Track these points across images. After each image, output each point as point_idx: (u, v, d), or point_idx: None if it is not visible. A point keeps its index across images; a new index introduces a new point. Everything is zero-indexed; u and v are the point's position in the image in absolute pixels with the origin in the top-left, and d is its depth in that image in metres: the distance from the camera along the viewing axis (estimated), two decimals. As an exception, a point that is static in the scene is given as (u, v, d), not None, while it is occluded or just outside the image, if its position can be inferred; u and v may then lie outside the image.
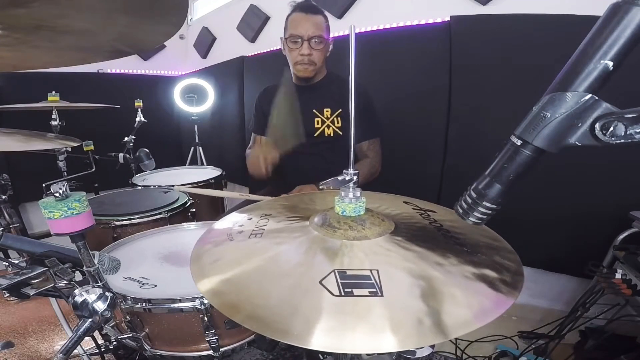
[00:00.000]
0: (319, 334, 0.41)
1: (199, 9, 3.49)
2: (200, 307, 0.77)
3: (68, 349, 0.61)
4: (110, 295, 0.63)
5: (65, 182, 0.54)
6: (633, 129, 0.35)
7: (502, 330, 1.51)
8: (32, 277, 0.69)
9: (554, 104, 0.38)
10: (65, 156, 1.87)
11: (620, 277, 1.13)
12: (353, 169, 0.62)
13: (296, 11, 1.39)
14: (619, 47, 0.35)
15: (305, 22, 1.36)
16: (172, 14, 0.64)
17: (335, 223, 0.60)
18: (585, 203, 1.50)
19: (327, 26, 1.41)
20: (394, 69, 1.92)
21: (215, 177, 1.86)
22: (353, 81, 0.60)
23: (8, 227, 1.16)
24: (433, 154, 1.87)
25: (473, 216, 0.46)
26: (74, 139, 1.20)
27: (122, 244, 1.10)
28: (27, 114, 1.87)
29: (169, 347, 0.84)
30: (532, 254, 1.35)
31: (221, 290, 0.50)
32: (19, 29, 0.62)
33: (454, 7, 1.73)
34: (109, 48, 0.80)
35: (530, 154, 0.41)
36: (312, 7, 1.39)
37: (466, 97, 1.74)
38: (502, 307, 0.44)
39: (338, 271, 0.50)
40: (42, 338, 0.84)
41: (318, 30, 1.36)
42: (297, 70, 1.43)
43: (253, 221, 0.70)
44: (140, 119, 2.26)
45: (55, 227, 0.55)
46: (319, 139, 1.46)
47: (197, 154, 3.01)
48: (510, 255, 0.57)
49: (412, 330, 0.41)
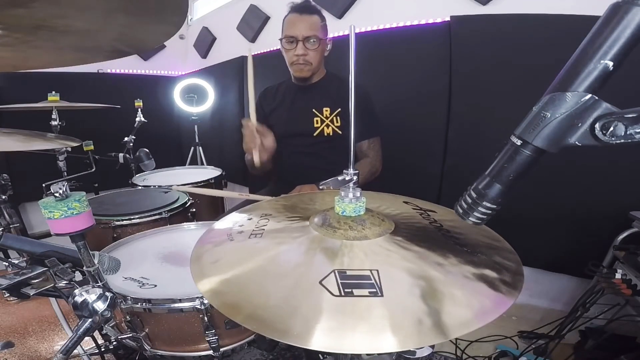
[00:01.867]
0: (319, 334, 0.41)
1: (199, 9, 3.49)
2: (200, 307, 0.77)
3: (68, 349, 0.61)
4: (110, 295, 0.63)
5: (65, 182, 0.54)
6: (633, 129, 0.35)
7: (502, 330, 1.51)
8: (32, 277, 0.69)
9: (554, 104, 0.38)
10: (65, 156, 1.87)
11: (620, 277, 1.13)
12: (353, 169, 0.62)
13: (292, 12, 1.40)
14: (619, 47, 0.35)
15: (300, 22, 1.36)
16: (172, 14, 0.64)
17: (335, 223, 0.60)
18: (585, 203, 1.50)
19: (324, 26, 1.41)
20: (393, 69, 1.92)
21: (215, 177, 1.86)
22: (353, 81, 0.60)
23: (8, 227, 1.16)
24: (433, 154, 1.87)
25: (473, 216, 0.46)
26: (74, 139, 1.20)
27: (122, 244, 1.09)
28: (27, 114, 1.87)
29: (169, 347, 0.84)
30: (532, 254, 1.36)
31: (221, 290, 0.50)
32: (19, 29, 0.62)
33: (454, 7, 1.73)
34: (109, 48, 0.80)
35: (530, 154, 0.41)
36: (307, 8, 1.39)
37: (466, 97, 1.74)
38: (502, 307, 0.44)
39: (338, 271, 0.50)
40: (42, 338, 0.84)
41: (313, 31, 1.36)
42: (293, 70, 1.44)
43: (253, 221, 0.70)
44: (140, 119, 2.26)
45: (55, 227, 0.55)
46: (318, 138, 1.46)
47: (197, 154, 3.01)
48: (510, 255, 0.57)
49: (412, 330, 0.41)
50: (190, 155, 3.03)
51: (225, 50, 3.14)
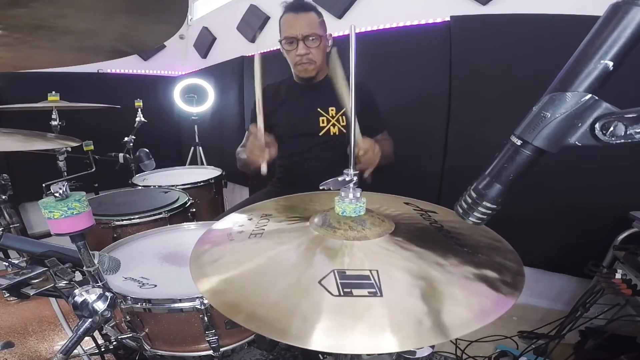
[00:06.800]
0: (318, 334, 0.41)
1: (199, 9, 3.48)
2: (200, 307, 0.77)
3: (68, 349, 0.61)
4: (110, 295, 0.63)
5: (65, 182, 0.54)
6: (633, 129, 0.35)
7: (502, 330, 1.51)
8: (32, 277, 0.69)
9: (554, 104, 0.38)
10: (65, 156, 1.88)
11: (620, 277, 1.13)
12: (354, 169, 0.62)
13: (287, 12, 1.37)
14: (619, 47, 0.35)
15: (297, 21, 1.34)
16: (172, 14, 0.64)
17: (335, 223, 0.60)
18: (585, 203, 1.50)
19: (322, 22, 1.38)
20: (394, 69, 1.92)
21: (215, 177, 1.86)
22: (353, 81, 0.60)
23: (8, 227, 1.16)
24: (433, 154, 1.87)
25: (473, 216, 0.46)
26: (74, 139, 1.20)
27: (122, 244, 1.10)
28: (27, 114, 1.87)
29: (169, 347, 0.84)
30: (532, 254, 1.35)
31: (221, 290, 0.50)
32: (19, 29, 0.62)
33: (454, 7, 1.73)
34: (109, 48, 0.80)
35: (530, 154, 0.41)
36: (302, 6, 1.36)
37: (466, 97, 1.74)
38: (502, 307, 0.44)
39: (337, 271, 0.50)
40: (42, 338, 0.84)
41: (311, 28, 1.33)
42: (298, 71, 1.41)
43: (253, 221, 0.70)
44: (140, 119, 2.27)
45: (55, 227, 0.55)
46: (324, 137, 1.45)
47: (197, 154, 3.01)
48: (511, 255, 0.57)
49: (412, 331, 0.41)
50: (190, 155, 3.03)
51: (225, 50, 3.14)
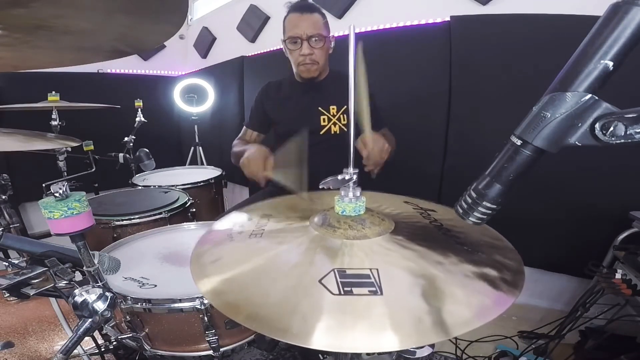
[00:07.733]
0: (318, 333, 0.41)
1: (199, 9, 3.48)
2: (200, 307, 0.77)
3: (68, 349, 0.61)
4: (110, 295, 0.64)
5: (65, 182, 0.54)
6: (633, 129, 0.35)
7: (502, 330, 1.51)
8: (32, 277, 0.69)
9: (554, 104, 0.38)
10: (65, 156, 1.88)
11: (620, 277, 1.13)
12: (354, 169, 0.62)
13: (292, 12, 1.38)
14: (619, 47, 0.35)
15: (302, 21, 1.34)
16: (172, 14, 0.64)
17: (335, 223, 0.60)
18: (585, 203, 1.50)
19: (326, 23, 1.39)
20: (394, 69, 1.92)
21: (215, 177, 1.86)
22: (353, 81, 0.60)
23: (8, 227, 1.16)
24: (433, 154, 1.87)
25: (473, 216, 0.46)
26: (74, 139, 1.20)
27: (122, 244, 1.10)
28: (27, 114, 1.87)
29: (169, 347, 0.84)
30: (532, 253, 1.35)
31: (221, 290, 0.50)
32: (19, 29, 0.62)
33: (454, 7, 1.73)
34: (109, 48, 0.80)
35: (530, 154, 0.41)
36: (307, 6, 1.38)
37: (466, 97, 1.74)
38: (502, 305, 0.44)
39: (337, 270, 0.50)
40: (42, 338, 0.84)
41: (316, 29, 1.34)
42: (301, 71, 1.41)
43: (253, 221, 0.70)
44: (140, 119, 2.26)
45: (55, 227, 0.55)
46: (325, 136, 1.45)
47: (197, 154, 3.01)
48: (511, 254, 0.57)
49: (412, 329, 0.41)
50: (190, 155, 3.03)
51: (225, 50, 3.14)
